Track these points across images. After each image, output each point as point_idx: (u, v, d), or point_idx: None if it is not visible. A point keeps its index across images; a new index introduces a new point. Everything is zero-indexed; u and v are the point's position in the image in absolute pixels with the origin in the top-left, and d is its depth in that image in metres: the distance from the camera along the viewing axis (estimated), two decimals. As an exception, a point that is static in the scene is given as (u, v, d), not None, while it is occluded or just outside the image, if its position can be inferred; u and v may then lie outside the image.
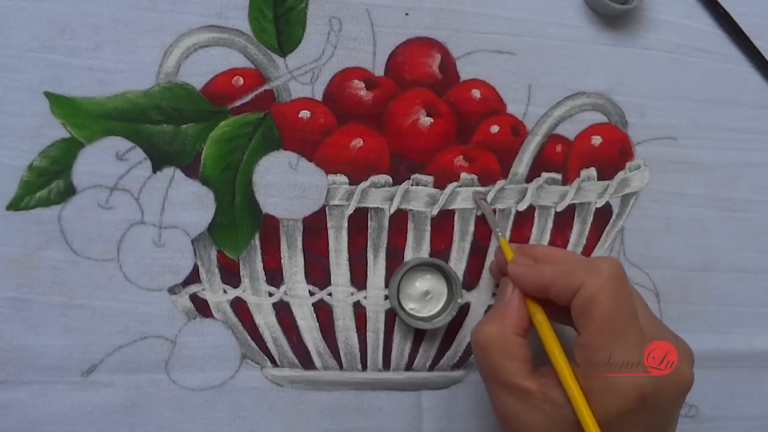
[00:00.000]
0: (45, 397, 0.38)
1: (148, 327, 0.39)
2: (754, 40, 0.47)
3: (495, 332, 0.35)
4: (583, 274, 0.33)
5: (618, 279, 0.33)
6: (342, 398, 0.41)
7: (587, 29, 0.45)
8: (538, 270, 0.35)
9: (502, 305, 0.36)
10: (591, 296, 0.32)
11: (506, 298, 0.36)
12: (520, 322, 0.35)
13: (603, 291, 0.32)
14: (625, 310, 0.32)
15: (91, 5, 0.39)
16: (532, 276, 0.35)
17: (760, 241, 0.47)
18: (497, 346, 0.34)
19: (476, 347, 0.36)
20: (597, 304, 0.32)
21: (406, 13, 0.42)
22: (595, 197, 0.44)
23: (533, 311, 0.35)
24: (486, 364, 0.35)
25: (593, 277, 0.33)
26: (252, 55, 0.41)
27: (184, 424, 0.39)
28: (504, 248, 0.39)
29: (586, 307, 0.32)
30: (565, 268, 0.34)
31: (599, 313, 0.32)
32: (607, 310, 0.32)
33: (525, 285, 0.36)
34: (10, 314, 0.38)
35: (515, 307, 0.36)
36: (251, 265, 0.40)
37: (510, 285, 0.36)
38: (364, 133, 0.41)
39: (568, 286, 0.33)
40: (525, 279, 0.36)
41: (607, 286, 0.32)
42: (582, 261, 0.37)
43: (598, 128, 0.44)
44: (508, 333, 0.34)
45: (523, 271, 0.36)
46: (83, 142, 0.39)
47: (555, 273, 0.34)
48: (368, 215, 0.41)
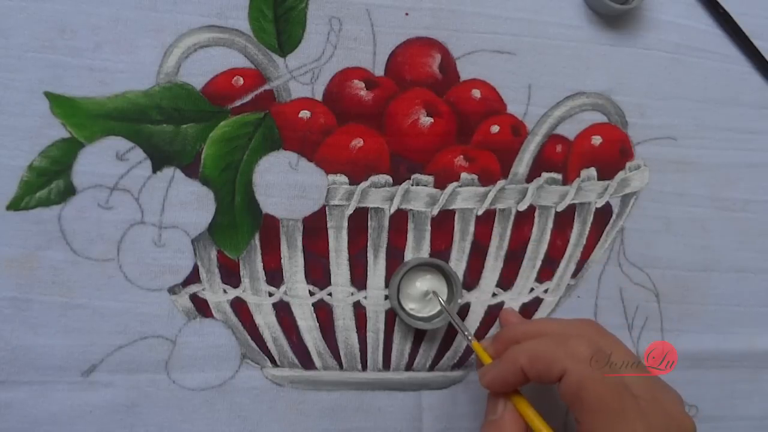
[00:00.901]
0: (45, 397, 0.38)
1: (148, 327, 0.39)
2: (754, 40, 0.47)
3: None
4: (562, 360, 0.32)
5: (599, 356, 0.33)
6: (342, 398, 0.41)
7: (587, 29, 0.45)
8: (509, 363, 0.34)
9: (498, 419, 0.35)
10: (578, 384, 0.32)
11: (499, 412, 0.35)
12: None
13: (589, 377, 0.32)
14: (616, 388, 0.32)
15: (91, 5, 0.39)
16: (506, 374, 0.34)
17: (760, 241, 0.47)
18: None
19: None
20: (587, 392, 0.32)
21: (406, 13, 0.42)
22: (595, 197, 0.44)
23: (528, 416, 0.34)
24: None
25: (575, 363, 0.32)
26: (252, 55, 0.41)
27: (184, 424, 0.39)
28: (480, 355, 0.37)
29: (576, 395, 0.32)
30: (539, 351, 0.34)
31: (591, 399, 0.32)
32: (598, 395, 0.32)
33: (504, 386, 0.35)
34: (10, 314, 0.38)
35: (512, 420, 0.35)
36: (251, 265, 0.40)
37: (500, 401, 0.36)
38: (364, 133, 0.41)
39: (548, 372, 0.33)
40: (501, 384, 0.35)
41: (590, 371, 0.32)
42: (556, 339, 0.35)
43: (598, 128, 0.45)
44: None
45: (494, 376, 0.35)
46: (83, 142, 0.39)
47: (528, 359, 0.34)
48: (368, 215, 0.41)
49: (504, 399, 0.35)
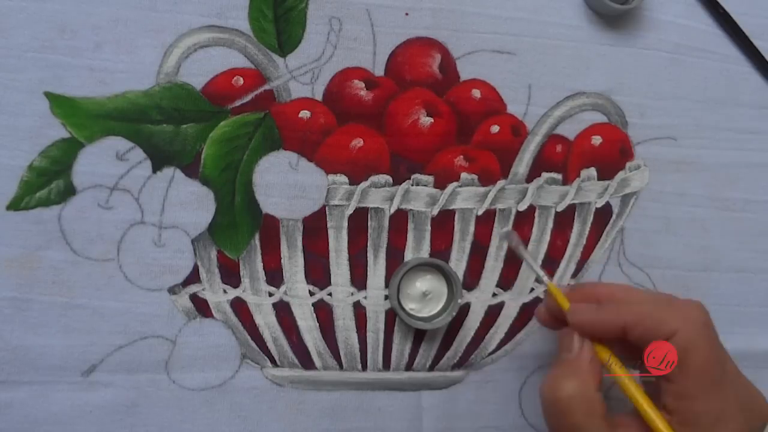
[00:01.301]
0: (45, 397, 0.38)
1: (148, 327, 0.39)
2: (754, 40, 0.47)
3: (576, 390, 0.33)
4: (675, 320, 0.32)
5: (710, 326, 0.33)
6: (342, 398, 0.41)
7: (587, 29, 0.45)
8: (612, 312, 0.34)
9: (574, 358, 0.34)
10: (686, 345, 0.32)
11: (575, 351, 0.34)
12: (597, 376, 0.33)
13: (699, 340, 0.32)
14: (720, 359, 0.33)
15: (91, 5, 0.39)
16: (606, 320, 0.34)
17: (760, 241, 0.47)
18: (580, 407, 0.32)
19: (553, 406, 0.33)
20: (694, 353, 0.32)
21: (406, 13, 0.42)
22: (595, 197, 0.44)
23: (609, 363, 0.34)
24: (565, 424, 0.33)
25: (687, 325, 0.32)
26: (252, 55, 0.41)
27: (184, 424, 0.39)
28: (559, 298, 0.36)
29: (681, 354, 0.32)
30: (650, 312, 0.33)
31: (697, 363, 0.32)
32: (704, 360, 0.32)
33: (595, 333, 0.34)
34: (10, 314, 0.38)
35: (588, 360, 0.34)
36: (251, 265, 0.40)
37: (576, 338, 0.34)
38: (364, 133, 0.41)
39: (656, 330, 0.32)
40: (598, 326, 0.34)
41: (702, 335, 0.32)
42: (666, 303, 0.34)
43: (598, 128, 0.44)
44: (590, 390, 0.33)
45: (592, 319, 0.34)
46: (83, 142, 0.39)
47: (636, 315, 0.33)
48: (368, 215, 0.41)
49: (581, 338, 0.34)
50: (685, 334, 0.32)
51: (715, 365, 0.32)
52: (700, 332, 0.32)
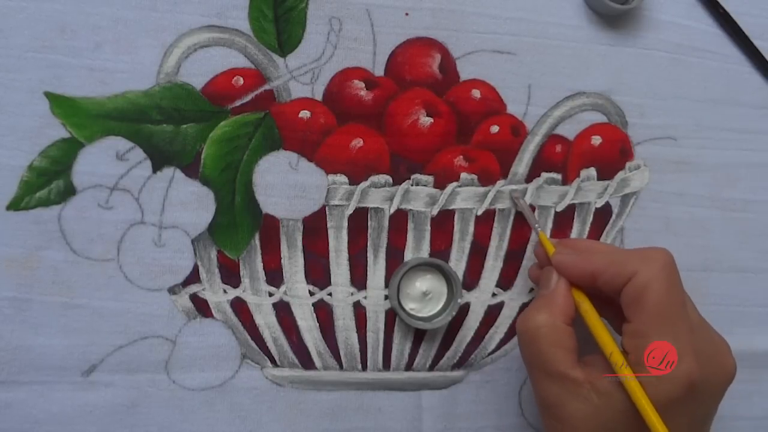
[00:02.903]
0: (45, 397, 0.38)
1: (148, 327, 0.39)
2: (754, 40, 0.47)
3: (544, 320, 0.35)
4: (636, 263, 0.33)
5: (671, 268, 0.34)
6: (342, 398, 0.41)
7: (587, 29, 0.45)
8: (586, 258, 0.36)
9: (549, 293, 0.36)
10: (644, 284, 0.33)
11: (551, 287, 0.36)
12: (568, 311, 0.35)
13: (657, 279, 0.33)
14: (677, 299, 0.33)
15: (91, 5, 0.39)
16: (580, 264, 0.36)
17: (760, 241, 0.47)
18: (547, 335, 0.34)
19: (524, 335, 0.35)
20: (650, 291, 0.32)
21: (406, 13, 0.42)
22: (595, 197, 0.44)
23: (579, 300, 0.36)
24: (533, 352, 0.35)
25: (647, 265, 0.33)
26: (252, 55, 0.41)
27: (184, 424, 0.39)
28: (545, 243, 0.39)
29: (638, 294, 0.33)
30: (616, 257, 0.35)
31: (653, 301, 0.32)
32: (660, 298, 0.32)
33: (572, 274, 0.36)
34: (10, 314, 0.38)
35: (562, 295, 0.36)
36: (251, 265, 0.40)
37: (554, 274, 0.37)
38: (364, 133, 0.41)
39: (619, 274, 0.34)
40: (572, 268, 0.36)
41: (660, 275, 0.33)
42: (633, 251, 0.36)
43: (598, 128, 0.44)
44: (558, 321, 0.35)
45: (570, 260, 0.36)
46: (83, 142, 0.39)
47: (605, 261, 0.35)
48: (368, 215, 0.41)
49: (558, 275, 0.36)
50: (644, 274, 0.33)
51: (671, 305, 0.33)
52: (658, 272, 0.33)
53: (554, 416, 0.34)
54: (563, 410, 0.34)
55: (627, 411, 0.32)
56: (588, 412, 0.33)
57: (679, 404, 0.32)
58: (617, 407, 0.32)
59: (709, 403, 0.34)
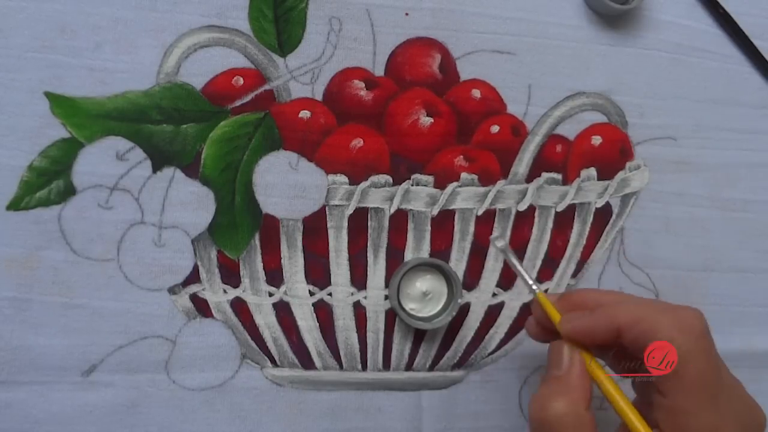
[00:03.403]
0: (45, 397, 0.38)
1: (148, 327, 0.39)
2: (754, 40, 0.47)
3: (566, 410, 0.31)
4: (670, 327, 0.30)
5: (707, 336, 0.31)
6: (342, 398, 0.41)
7: (587, 29, 0.45)
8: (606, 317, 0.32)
9: (563, 374, 0.32)
10: (682, 356, 0.30)
11: (564, 367, 0.32)
12: (587, 394, 0.32)
13: (696, 351, 0.30)
14: (716, 371, 0.31)
15: (91, 5, 0.39)
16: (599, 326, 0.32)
17: (760, 241, 0.47)
18: (570, 426, 0.31)
19: (543, 426, 0.31)
20: (690, 366, 0.30)
21: (406, 13, 0.42)
22: (595, 197, 0.44)
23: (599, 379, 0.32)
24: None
25: (684, 334, 0.30)
26: (252, 55, 0.41)
27: (184, 424, 0.39)
28: (549, 309, 0.34)
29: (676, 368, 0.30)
30: (646, 314, 0.31)
31: (693, 376, 0.30)
32: (701, 372, 0.30)
33: (588, 338, 0.33)
34: (10, 314, 0.38)
35: (580, 376, 0.32)
36: (251, 265, 0.40)
37: (565, 350, 0.33)
38: (364, 133, 0.41)
39: (650, 335, 0.30)
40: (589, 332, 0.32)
41: (699, 346, 0.30)
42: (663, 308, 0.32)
43: (598, 128, 0.44)
44: (581, 409, 0.31)
45: (585, 324, 0.32)
46: (83, 142, 0.39)
47: (633, 317, 0.31)
48: (368, 215, 0.41)
49: (571, 352, 0.33)
50: (682, 345, 0.30)
51: (712, 378, 0.30)
52: (697, 343, 0.30)
53: None
54: None
55: None
56: None
57: None
58: None
59: None
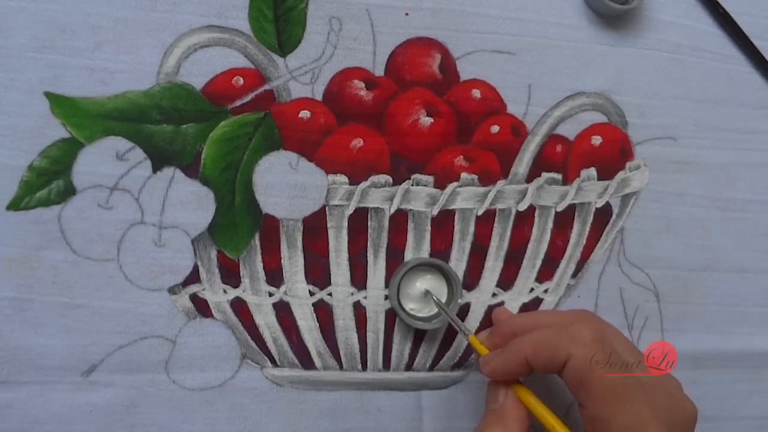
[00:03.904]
0: (45, 397, 0.38)
1: (148, 327, 0.39)
2: (754, 40, 0.47)
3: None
4: (566, 345, 0.32)
5: (602, 340, 0.33)
6: (342, 398, 0.41)
7: (587, 29, 0.45)
8: (513, 350, 0.34)
9: (499, 408, 0.35)
10: (582, 367, 0.32)
11: (500, 400, 0.35)
12: (522, 422, 0.34)
13: (594, 360, 0.32)
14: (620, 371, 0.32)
15: (91, 5, 0.39)
16: (512, 359, 0.34)
17: (760, 241, 0.47)
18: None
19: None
20: (592, 374, 0.32)
21: (406, 13, 0.42)
22: (595, 197, 0.44)
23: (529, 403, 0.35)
24: None
25: (578, 347, 0.32)
26: (252, 55, 0.41)
27: (184, 424, 0.39)
28: (476, 347, 0.38)
29: (581, 379, 0.32)
30: (543, 340, 0.33)
31: (598, 384, 0.32)
32: (604, 379, 0.32)
33: (506, 374, 0.35)
34: (10, 314, 0.38)
35: (514, 407, 0.34)
36: (251, 265, 0.40)
37: (500, 388, 0.36)
38: (364, 133, 0.41)
39: (552, 359, 0.33)
40: (503, 370, 0.35)
41: (596, 354, 0.32)
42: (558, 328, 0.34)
43: (598, 128, 0.45)
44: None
45: (498, 362, 0.35)
46: (83, 142, 0.39)
47: (533, 347, 0.34)
48: (368, 215, 0.41)
49: (505, 387, 0.35)
50: (578, 358, 0.32)
51: (618, 381, 0.32)
52: (591, 350, 0.32)
53: None
54: None
55: None
56: None
57: None
58: None
59: None
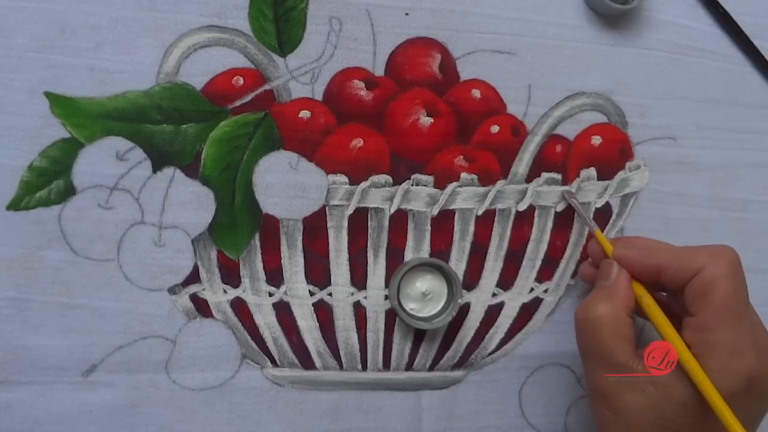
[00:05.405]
0: (45, 397, 0.38)
1: (148, 327, 0.39)
2: (754, 40, 0.47)
3: (607, 311, 0.35)
4: (703, 258, 0.34)
5: (738, 265, 0.35)
6: (342, 398, 0.41)
7: (587, 29, 0.45)
8: (650, 254, 0.36)
9: (610, 284, 0.36)
10: (712, 279, 0.33)
11: (612, 278, 0.37)
12: (629, 302, 0.36)
13: (724, 275, 0.33)
14: (742, 296, 0.34)
15: (91, 5, 0.39)
16: (644, 259, 0.36)
17: (760, 241, 0.47)
18: (609, 325, 0.35)
19: (584, 324, 0.36)
20: (718, 286, 0.33)
21: (406, 13, 0.42)
22: (595, 197, 0.44)
23: (640, 293, 0.36)
24: (592, 342, 0.35)
25: (715, 261, 0.34)
26: (252, 55, 0.41)
27: (184, 424, 0.39)
28: (603, 242, 0.39)
29: (705, 289, 0.33)
30: (683, 252, 0.35)
31: (719, 296, 0.33)
32: (728, 293, 0.33)
33: (635, 268, 0.36)
34: (10, 314, 0.38)
35: (624, 287, 0.36)
36: (251, 265, 0.40)
37: (615, 266, 0.37)
38: (364, 133, 0.41)
39: (686, 268, 0.34)
40: (636, 262, 0.36)
41: (728, 271, 0.34)
42: (698, 247, 0.36)
43: (598, 128, 0.44)
44: (620, 312, 0.35)
45: (633, 254, 0.37)
46: (83, 142, 0.39)
47: (671, 256, 0.35)
48: (368, 215, 0.41)
49: (618, 267, 0.37)
50: (712, 269, 0.34)
51: (736, 301, 0.33)
52: (726, 268, 0.34)
53: (609, 407, 0.34)
54: (619, 401, 0.34)
55: (686, 404, 0.33)
56: (645, 404, 0.33)
57: (739, 399, 0.32)
58: (677, 400, 0.33)
59: (766, 399, 0.34)
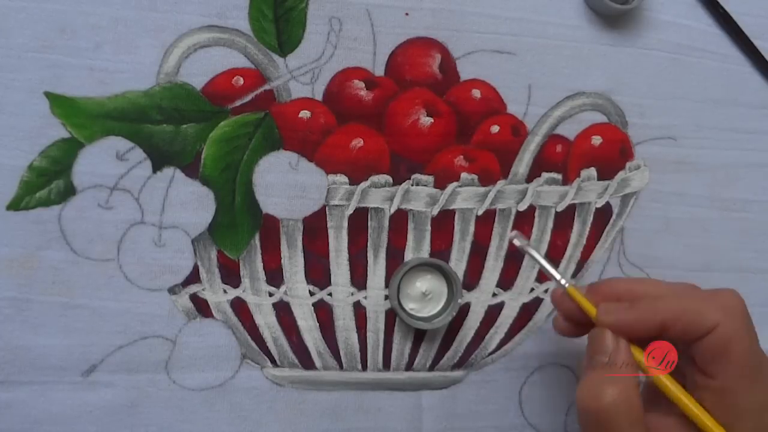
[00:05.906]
0: (45, 397, 0.38)
1: (148, 327, 0.39)
2: (754, 40, 0.47)
3: (617, 396, 0.30)
4: (714, 312, 0.31)
5: (748, 314, 0.32)
6: (342, 398, 0.41)
7: (587, 29, 0.45)
8: (648, 309, 0.32)
9: (612, 362, 0.32)
10: (729, 338, 0.30)
11: (610, 352, 0.32)
12: (636, 380, 0.31)
13: (741, 331, 0.31)
14: (758, 350, 0.31)
15: (91, 5, 0.39)
16: (643, 319, 0.32)
17: (760, 241, 0.47)
18: (623, 414, 0.30)
19: (597, 416, 0.31)
20: (736, 346, 0.30)
21: (406, 13, 0.42)
22: (595, 197, 0.44)
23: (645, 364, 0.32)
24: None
25: (728, 317, 0.31)
26: (252, 55, 0.41)
27: (184, 424, 0.39)
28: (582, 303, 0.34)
29: (723, 348, 0.30)
30: (688, 305, 0.32)
31: (739, 355, 0.30)
32: (746, 351, 0.31)
33: (630, 332, 0.32)
34: (10, 314, 0.38)
35: (627, 361, 0.32)
36: (251, 265, 0.40)
37: (608, 336, 0.33)
38: (364, 133, 0.41)
39: (697, 325, 0.31)
40: (631, 325, 0.32)
41: (743, 326, 0.31)
42: (701, 295, 0.33)
43: (598, 128, 0.44)
44: (632, 394, 0.31)
45: (626, 318, 0.32)
46: (83, 142, 0.39)
47: (675, 309, 0.32)
48: (368, 215, 0.41)
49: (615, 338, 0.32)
50: (727, 327, 0.31)
51: (755, 356, 0.31)
52: (740, 323, 0.31)
53: None
54: None
55: None
56: None
57: None
58: None
59: None
